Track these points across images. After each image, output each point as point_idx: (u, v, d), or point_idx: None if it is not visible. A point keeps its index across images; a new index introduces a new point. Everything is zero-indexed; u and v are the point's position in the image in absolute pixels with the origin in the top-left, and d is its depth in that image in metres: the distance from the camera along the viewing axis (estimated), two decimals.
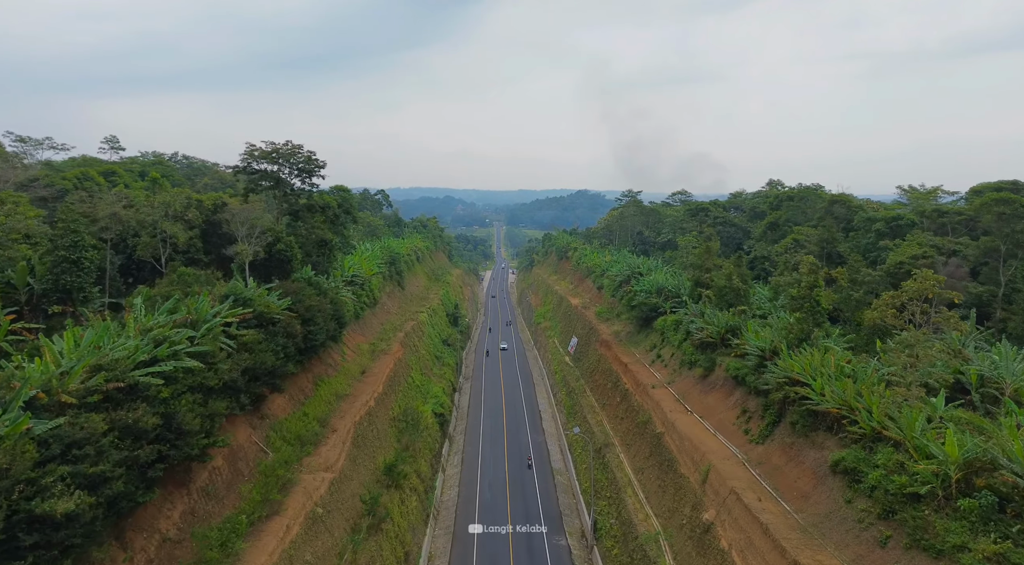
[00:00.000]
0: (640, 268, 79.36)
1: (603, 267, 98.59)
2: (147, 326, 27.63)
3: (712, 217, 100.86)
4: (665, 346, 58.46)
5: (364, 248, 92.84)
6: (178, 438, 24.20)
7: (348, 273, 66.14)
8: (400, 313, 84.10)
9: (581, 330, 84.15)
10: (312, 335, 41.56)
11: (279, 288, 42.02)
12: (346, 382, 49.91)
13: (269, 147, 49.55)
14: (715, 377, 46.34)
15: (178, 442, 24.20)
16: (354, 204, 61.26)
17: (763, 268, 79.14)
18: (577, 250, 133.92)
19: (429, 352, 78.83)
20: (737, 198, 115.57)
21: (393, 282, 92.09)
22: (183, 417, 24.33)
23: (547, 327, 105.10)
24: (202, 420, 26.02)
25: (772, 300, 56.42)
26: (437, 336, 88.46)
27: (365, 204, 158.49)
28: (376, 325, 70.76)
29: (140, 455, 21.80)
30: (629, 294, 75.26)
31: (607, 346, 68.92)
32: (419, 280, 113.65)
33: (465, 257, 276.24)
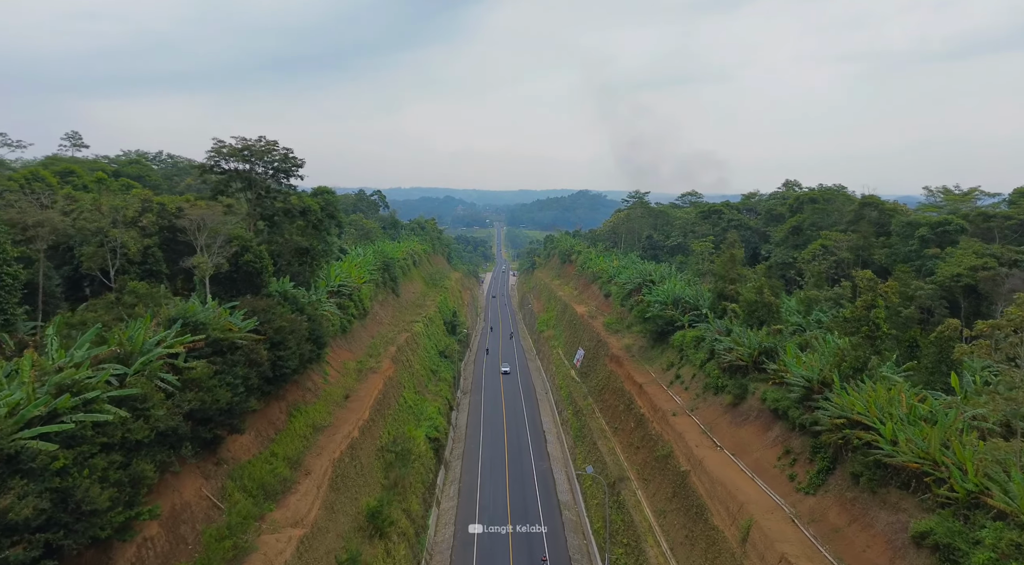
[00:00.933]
0: (652, 275, 73.52)
1: (610, 273, 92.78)
2: (53, 367, 21.80)
3: (726, 220, 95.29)
4: (684, 365, 52.62)
5: (356, 253, 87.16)
6: (77, 521, 18.38)
7: (334, 283, 60.33)
8: (393, 323, 78.28)
9: (588, 342, 78.30)
10: (283, 361, 35.74)
11: (245, 306, 36.24)
12: (326, 410, 44.06)
13: (240, 143, 43.76)
14: (748, 406, 40.48)
15: (77, 526, 18.37)
16: (338, 207, 55.59)
17: (783, 275, 73.54)
18: (581, 253, 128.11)
19: (424, 367, 73.00)
20: (750, 199, 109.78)
21: (387, 289, 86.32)
22: (85, 492, 18.51)
23: (551, 336, 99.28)
24: (119, 489, 20.23)
25: (803, 314, 50.64)
26: (433, 348, 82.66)
27: (361, 205, 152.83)
28: (366, 338, 64.93)
29: (10, 558, 15.97)
30: (641, 304, 69.42)
31: (618, 362, 63.07)
32: (415, 286, 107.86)
33: (465, 259, 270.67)
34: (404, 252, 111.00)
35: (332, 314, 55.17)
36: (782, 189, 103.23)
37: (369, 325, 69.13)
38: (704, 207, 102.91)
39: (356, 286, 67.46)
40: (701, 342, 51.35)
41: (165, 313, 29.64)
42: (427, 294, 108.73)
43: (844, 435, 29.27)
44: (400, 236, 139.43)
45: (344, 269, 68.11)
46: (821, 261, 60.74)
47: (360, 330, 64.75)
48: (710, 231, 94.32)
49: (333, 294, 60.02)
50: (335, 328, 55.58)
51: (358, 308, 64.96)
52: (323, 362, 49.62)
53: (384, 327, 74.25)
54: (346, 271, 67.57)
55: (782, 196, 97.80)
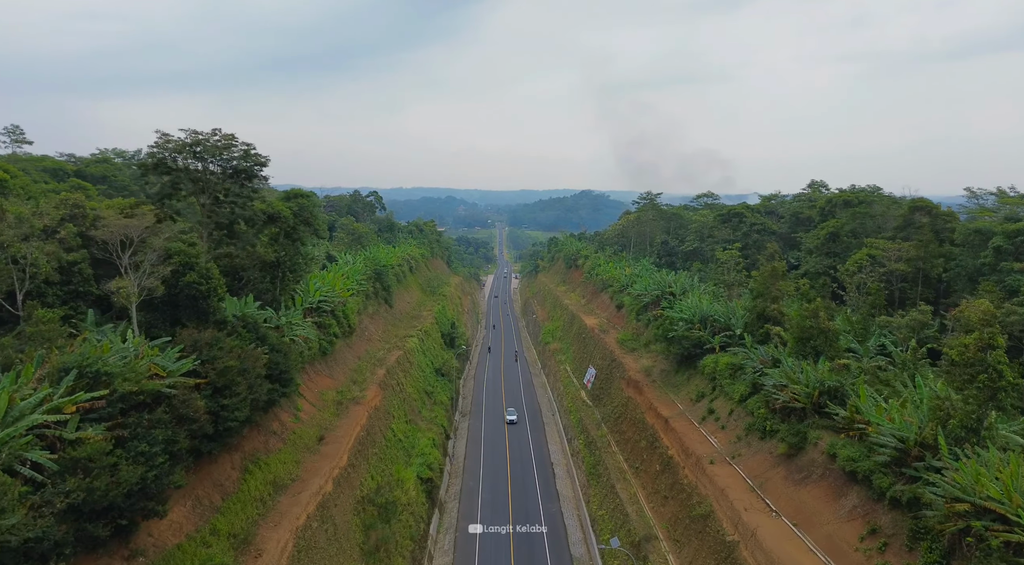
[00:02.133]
0: (672, 287, 65.93)
1: (623, 281, 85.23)
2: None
3: (748, 224, 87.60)
4: (718, 397, 45.02)
5: (345, 260, 79.79)
6: None
7: (314, 298, 52.86)
8: (385, 339, 70.76)
9: (600, 360, 70.70)
10: (229, 411, 28.23)
11: (183, 340, 28.79)
12: (294, 458, 36.57)
13: (190, 137, 36.25)
14: (809, 460, 32.89)
15: None
16: (316, 213, 48.14)
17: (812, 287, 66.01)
18: (588, 258, 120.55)
19: (418, 389, 65.48)
20: (770, 201, 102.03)
21: (378, 300, 78.86)
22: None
23: (557, 349, 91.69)
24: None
25: (857, 338, 42.99)
26: (429, 365, 75.14)
27: (356, 207, 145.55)
28: (351, 360, 57.42)
29: None
30: (661, 321, 61.90)
31: (636, 388, 55.51)
32: (411, 294, 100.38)
33: (466, 261, 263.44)
34: (399, 258, 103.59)
35: (310, 336, 47.74)
36: (807, 191, 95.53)
37: (356, 343, 61.62)
38: (723, 210, 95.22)
39: (341, 300, 60.03)
40: (739, 371, 43.78)
41: (55, 361, 22.14)
42: (424, 303, 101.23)
43: (969, 526, 21.72)
44: (397, 240, 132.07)
45: (328, 281, 60.66)
46: (868, 274, 53.12)
47: (344, 351, 57.25)
48: (731, 236, 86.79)
49: (312, 311, 52.58)
50: (312, 352, 48.13)
51: (342, 325, 57.47)
52: (296, 395, 42.23)
53: (374, 344, 66.75)
54: (330, 283, 60.12)
55: (808, 198, 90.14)
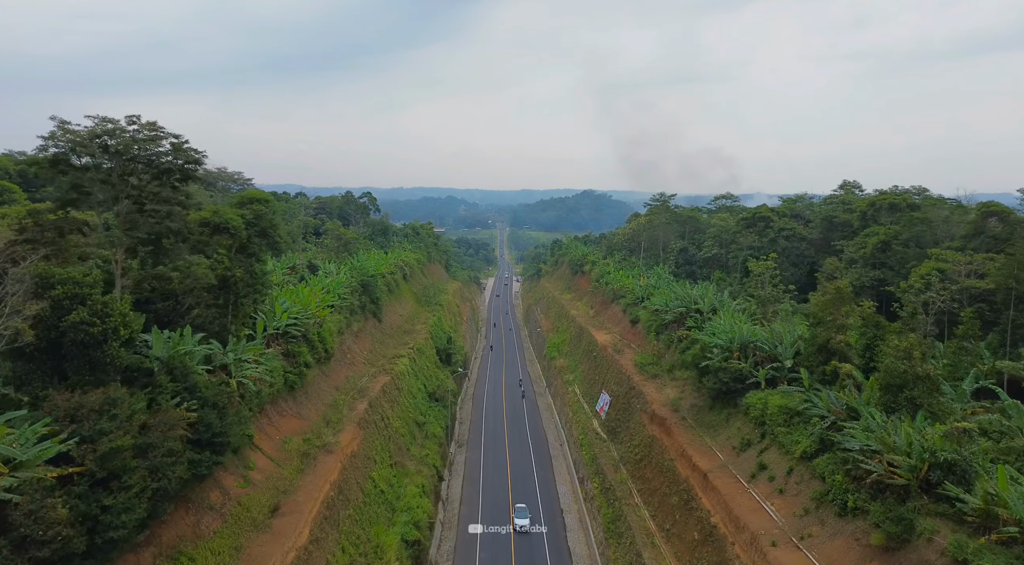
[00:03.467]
0: (700, 304, 57.47)
1: (637, 293, 76.79)
2: None
3: (776, 229, 79.16)
4: (770, 448, 36.55)
5: (328, 270, 71.49)
6: None
7: (280, 322, 44.45)
8: (370, 361, 62.38)
9: (615, 385, 62.25)
10: (113, 515, 19.75)
11: (54, 409, 20.43)
12: (233, 544, 28.11)
13: (99, 126, 27.80)
14: (921, 559, 24.42)
15: None
16: (276, 222, 39.65)
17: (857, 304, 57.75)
18: (596, 265, 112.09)
19: (406, 421, 57.08)
20: (795, 204, 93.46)
21: (365, 315, 70.49)
22: None
23: (564, 367, 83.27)
24: None
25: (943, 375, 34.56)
26: (421, 389, 66.76)
27: (348, 209, 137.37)
28: (326, 392, 49.00)
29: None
30: (688, 343, 53.66)
31: (662, 426, 47.10)
32: (404, 305, 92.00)
33: (465, 264, 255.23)
34: (391, 265, 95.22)
35: (265, 376, 39.15)
36: (839, 192, 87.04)
37: (335, 370, 53.21)
38: (746, 213, 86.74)
39: (317, 320, 51.69)
40: (796, 417, 35.36)
41: None
42: (418, 315, 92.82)
43: None
44: (390, 244, 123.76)
45: (302, 298, 52.32)
46: (939, 293, 44.68)
47: (319, 381, 48.86)
48: (757, 242, 78.38)
49: (278, 338, 44.20)
50: (275, 389, 39.71)
51: (317, 351, 49.07)
52: (247, 449, 33.93)
53: (357, 368, 58.35)
54: (303, 300, 51.77)
55: (841, 201, 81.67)
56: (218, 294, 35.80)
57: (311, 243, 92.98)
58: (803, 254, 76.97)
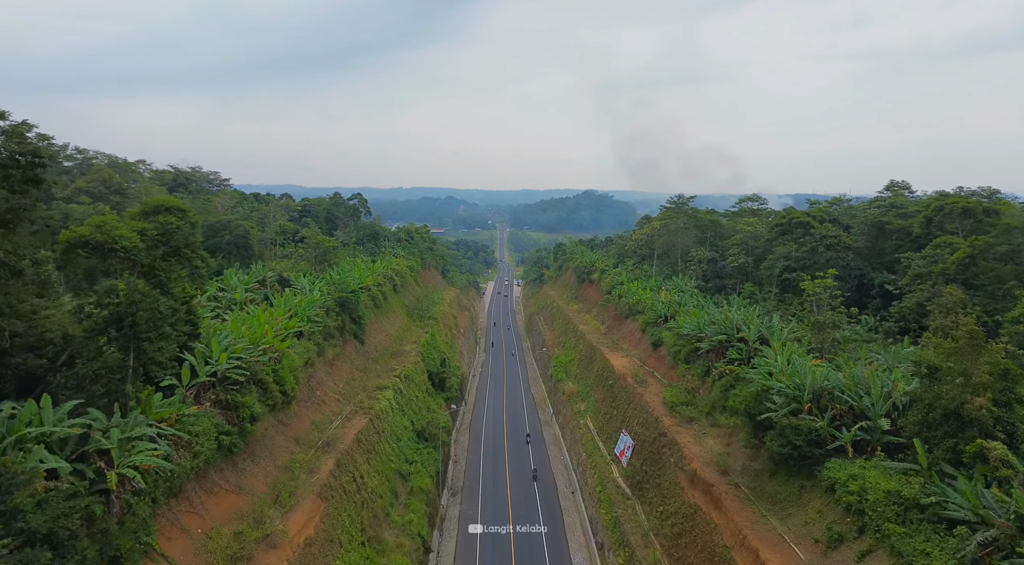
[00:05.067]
0: (745, 331, 47.30)
1: (659, 310, 66.59)
2: None
3: (817, 237, 68.98)
4: (878, 552, 26.37)
5: (300, 287, 61.43)
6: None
7: (219, 364, 34.27)
8: (346, 397, 52.25)
9: (639, 426, 52.09)
10: None
11: None
12: None
13: None
14: None
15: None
16: (193, 238, 29.03)
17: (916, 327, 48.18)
18: (607, 274, 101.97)
19: (387, 475, 46.92)
20: (831, 207, 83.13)
21: (344, 338, 60.38)
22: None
23: (574, 393, 73.13)
24: None
25: None
26: (408, 427, 56.62)
27: (336, 211, 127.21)
28: (282, 448, 38.80)
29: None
30: (733, 381, 43.73)
31: (709, 495, 36.97)
32: (393, 321, 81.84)
33: (464, 268, 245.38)
34: (380, 275, 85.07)
35: (199, 434, 29.24)
36: (885, 194, 76.85)
37: (297, 415, 43.01)
38: (778, 218, 76.55)
39: (275, 353, 41.63)
40: (916, 512, 25.27)
41: None
42: (408, 332, 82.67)
43: None
44: (381, 251, 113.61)
45: (256, 327, 42.23)
46: None
47: (273, 434, 38.67)
48: (795, 251, 68.29)
49: (214, 386, 34.04)
50: (199, 461, 29.54)
51: (271, 395, 38.89)
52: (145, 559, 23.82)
53: (328, 408, 48.23)
54: (258, 330, 41.68)
55: (891, 204, 71.48)
56: (111, 339, 25.67)
57: (291, 250, 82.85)
58: (849, 266, 66.80)
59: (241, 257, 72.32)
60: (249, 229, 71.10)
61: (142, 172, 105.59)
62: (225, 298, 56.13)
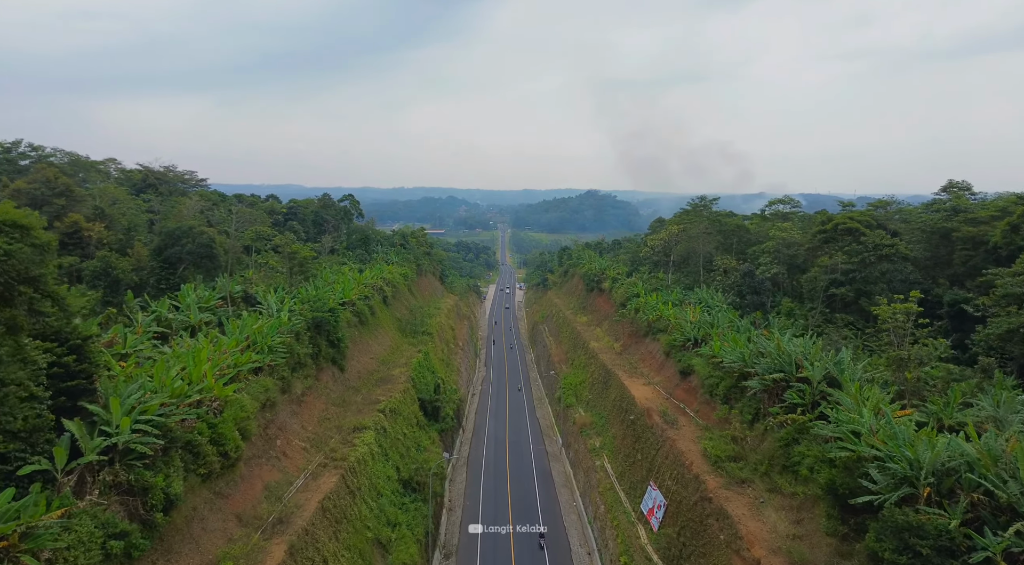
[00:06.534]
0: (809, 369, 37.85)
1: (687, 331, 57.24)
2: None
3: (869, 246, 59.85)
4: None
5: (267, 305, 52.36)
6: None
7: (119, 434, 25.07)
8: (316, 443, 42.99)
9: (672, 481, 42.71)
10: None
11: None
12: None
13: None
14: None
15: None
16: (37, 269, 20.14)
17: None
18: (620, 283, 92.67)
19: (361, 549, 37.59)
20: (875, 210, 73.66)
21: (318, 366, 51.23)
22: None
23: (587, 424, 63.86)
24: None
25: None
26: (393, 477, 47.34)
27: (325, 214, 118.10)
28: (214, 536, 29.47)
29: None
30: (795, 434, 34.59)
31: None
32: (381, 339, 72.61)
33: (464, 271, 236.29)
34: (367, 288, 75.86)
35: (83, 541, 20.13)
36: (942, 195, 67.44)
37: (246, 479, 33.71)
38: (820, 223, 67.21)
39: (214, 402, 32.52)
40: None
41: None
42: (399, 351, 73.47)
43: None
44: (372, 258, 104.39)
45: (193, 366, 33.07)
46: None
47: (206, 513, 29.38)
48: (844, 262, 59.10)
49: (111, 463, 24.83)
50: None
51: (205, 461, 29.61)
52: None
53: (289, 462, 38.97)
54: (194, 373, 32.53)
55: (953, 208, 62.07)
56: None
57: (267, 258, 73.63)
58: (907, 280, 57.56)
59: (206, 269, 63.28)
60: (215, 236, 61.95)
61: (110, 172, 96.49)
62: (177, 321, 47.15)
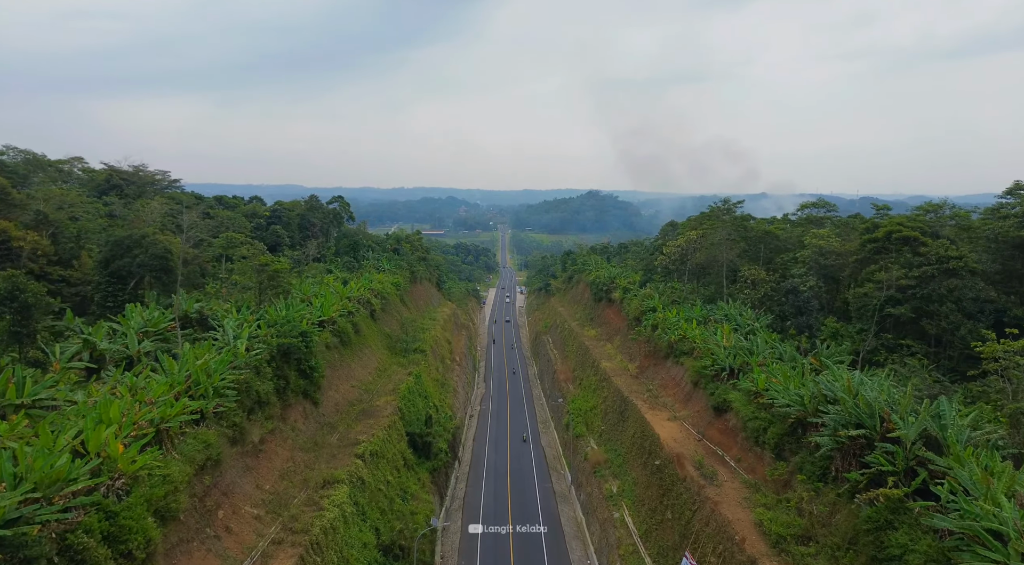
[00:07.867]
0: (899, 425, 29.36)
1: (721, 359, 48.75)
2: None
3: (932, 258, 51.66)
4: None
5: (226, 329, 44.03)
6: None
7: None
8: (274, 509, 34.56)
9: (713, 556, 34.27)
10: None
11: None
12: None
13: None
14: None
15: None
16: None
17: None
18: (633, 294, 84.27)
19: None
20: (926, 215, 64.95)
21: (285, 401, 42.86)
22: None
23: (601, 462, 55.46)
24: None
25: None
26: (369, 544, 38.89)
27: (312, 217, 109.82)
28: None
29: None
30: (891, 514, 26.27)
31: None
32: (366, 361, 64.19)
33: (464, 274, 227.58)
34: (350, 302, 67.46)
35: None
36: (1007, 199, 58.98)
37: None
38: (866, 231, 58.80)
39: (117, 481, 24.18)
40: None
41: None
42: (387, 374, 65.07)
43: None
44: (363, 265, 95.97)
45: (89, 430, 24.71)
46: None
47: None
48: (902, 277, 50.72)
49: None
50: None
51: None
52: None
53: (234, 540, 30.49)
54: (94, 438, 24.20)
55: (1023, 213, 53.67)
56: None
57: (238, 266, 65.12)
58: (979, 298, 49.29)
59: (163, 283, 55.08)
60: (171, 246, 53.65)
61: (74, 171, 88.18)
62: (111, 351, 38.93)
